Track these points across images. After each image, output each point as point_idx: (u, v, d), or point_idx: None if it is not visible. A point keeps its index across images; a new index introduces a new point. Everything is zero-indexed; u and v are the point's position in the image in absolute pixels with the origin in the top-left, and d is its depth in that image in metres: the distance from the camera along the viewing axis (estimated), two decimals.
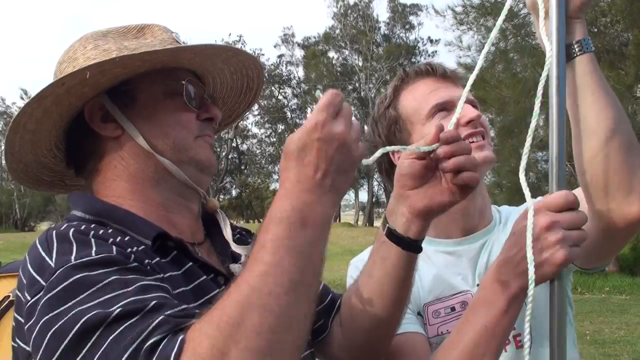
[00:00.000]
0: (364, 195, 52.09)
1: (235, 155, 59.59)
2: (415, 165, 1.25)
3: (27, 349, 1.00)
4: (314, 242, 0.96)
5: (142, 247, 1.10)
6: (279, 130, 56.47)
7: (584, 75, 1.27)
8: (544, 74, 1.21)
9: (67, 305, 0.93)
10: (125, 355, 0.87)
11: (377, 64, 47.68)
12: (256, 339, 0.85)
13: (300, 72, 53.98)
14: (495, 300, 1.23)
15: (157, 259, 1.10)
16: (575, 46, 1.27)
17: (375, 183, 49.17)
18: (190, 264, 1.16)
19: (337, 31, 49.62)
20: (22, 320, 1.01)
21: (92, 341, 0.90)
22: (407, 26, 50.12)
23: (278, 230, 0.93)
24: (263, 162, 58.98)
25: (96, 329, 0.90)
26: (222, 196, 59.34)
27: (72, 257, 1.00)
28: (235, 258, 1.29)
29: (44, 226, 62.35)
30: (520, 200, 1.34)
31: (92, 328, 0.91)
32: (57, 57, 1.27)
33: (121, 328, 0.90)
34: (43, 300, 0.96)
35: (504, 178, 18.96)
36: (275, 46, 53.96)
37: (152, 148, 1.20)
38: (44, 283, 0.98)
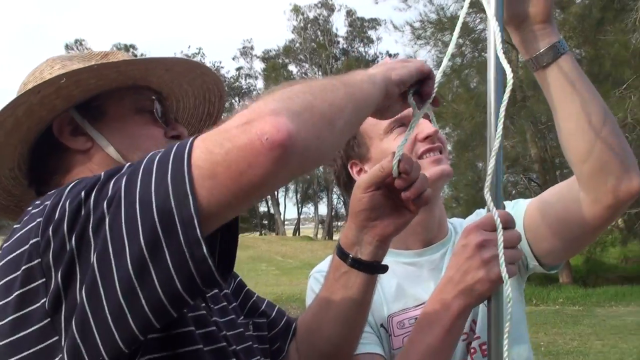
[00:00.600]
0: (323, 209, 52.20)
1: None
2: (376, 196, 1.26)
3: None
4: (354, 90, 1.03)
5: None
6: None
7: (570, 73, 1.32)
8: (506, 95, 1.22)
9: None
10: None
11: None
12: (321, 104, 0.90)
13: (260, 85, 54.00)
14: (439, 319, 1.27)
15: None
16: (558, 47, 1.31)
17: (334, 197, 49.30)
18: None
19: (297, 44, 49.86)
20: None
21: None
22: (365, 40, 50.65)
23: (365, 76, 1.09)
24: None
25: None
26: None
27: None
28: None
29: None
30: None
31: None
32: (9, 66, 1.26)
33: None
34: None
35: (461, 191, 19.24)
36: (233, 58, 53.83)
37: (123, 158, 1.19)
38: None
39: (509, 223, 1.23)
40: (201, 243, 0.81)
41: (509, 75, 1.21)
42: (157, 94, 1.30)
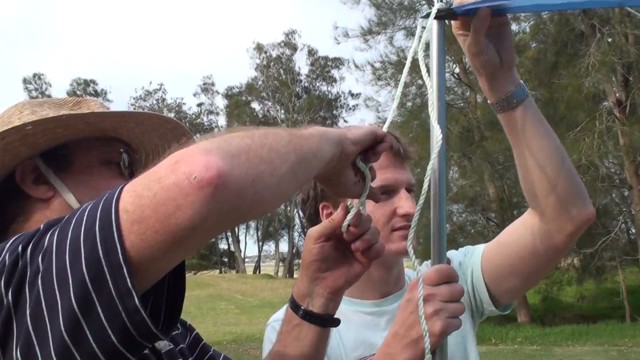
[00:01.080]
0: (284, 247, 51.96)
1: None
2: (326, 247, 1.25)
3: None
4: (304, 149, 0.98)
5: None
6: None
7: (535, 111, 1.40)
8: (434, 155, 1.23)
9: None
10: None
11: (298, 116, 48.35)
12: (260, 150, 0.84)
13: (221, 121, 54.02)
14: None
15: None
16: (523, 88, 1.39)
17: (295, 234, 49.18)
18: None
19: (260, 82, 50.17)
20: None
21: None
22: (328, 79, 51.26)
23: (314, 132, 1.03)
24: None
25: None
26: None
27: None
28: None
29: None
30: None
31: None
32: None
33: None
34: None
35: (421, 230, 19.38)
36: (194, 94, 53.85)
37: None
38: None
39: (451, 277, 1.24)
40: (132, 293, 0.76)
41: (439, 136, 1.24)
42: (127, 146, 1.29)
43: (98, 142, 1.23)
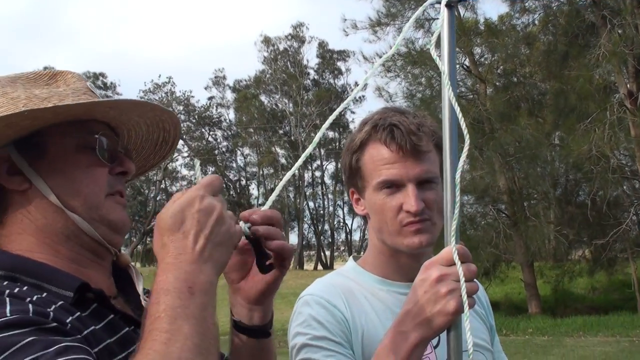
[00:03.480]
0: (294, 238, 52.04)
1: (164, 197, 58.54)
2: (234, 258, 1.22)
3: None
4: (204, 307, 0.96)
5: (61, 302, 1.04)
6: (209, 172, 55.77)
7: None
8: (463, 154, 1.26)
9: None
10: None
11: (306, 109, 48.28)
12: None
13: (231, 115, 54.02)
14: (397, 350, 1.30)
15: (78, 313, 1.05)
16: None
17: (305, 226, 49.27)
18: (112, 316, 1.12)
19: (268, 75, 50.09)
20: None
21: None
22: (335, 72, 51.13)
23: (168, 300, 0.93)
24: None
25: None
26: (150, 239, 57.96)
27: None
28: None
29: None
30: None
31: None
32: None
33: None
34: None
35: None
36: (206, 88, 53.73)
37: (63, 204, 1.14)
38: None
39: (466, 257, 1.27)
40: None
41: (467, 140, 1.27)
42: (104, 126, 1.24)
43: (72, 127, 1.17)
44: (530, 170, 18.39)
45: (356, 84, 50.99)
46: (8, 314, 0.94)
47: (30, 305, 0.98)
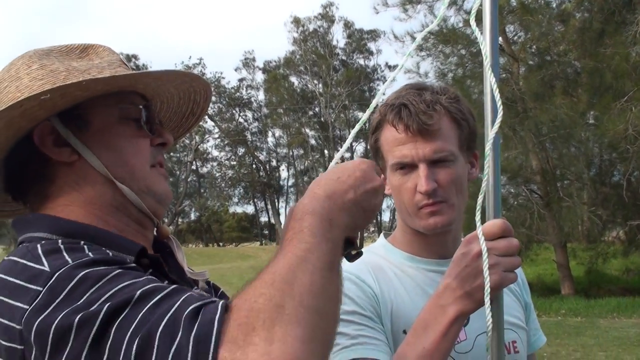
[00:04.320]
0: None
1: (194, 178, 59.11)
2: None
3: (19, 347, 0.92)
4: (338, 238, 1.02)
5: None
6: (239, 153, 56.30)
7: None
8: (496, 124, 1.27)
9: (82, 300, 0.88)
10: (165, 321, 0.84)
11: (336, 89, 48.09)
12: (309, 296, 0.87)
13: (261, 96, 54.11)
14: (435, 323, 1.32)
15: None
16: None
17: None
18: (166, 282, 1.11)
19: (298, 56, 49.96)
20: (14, 325, 0.92)
21: (120, 319, 0.86)
22: (365, 52, 50.77)
23: (312, 220, 0.99)
24: (223, 185, 58.62)
25: (122, 310, 0.86)
26: (181, 219, 58.66)
27: (69, 260, 0.95)
28: (190, 285, 1.25)
29: None
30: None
31: (118, 309, 0.86)
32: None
33: (149, 304, 0.87)
34: (52, 303, 0.89)
35: None
36: (236, 69, 53.96)
37: (111, 173, 1.15)
38: (40, 288, 0.92)
39: (508, 232, 1.27)
40: None
41: (500, 111, 1.28)
42: (142, 98, 1.25)
43: (114, 98, 1.19)
44: (564, 150, 18.12)
45: (387, 65, 50.63)
46: (91, 255, 0.98)
47: (108, 251, 1.02)
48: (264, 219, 60.23)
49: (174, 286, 0.93)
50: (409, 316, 1.52)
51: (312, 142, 52.07)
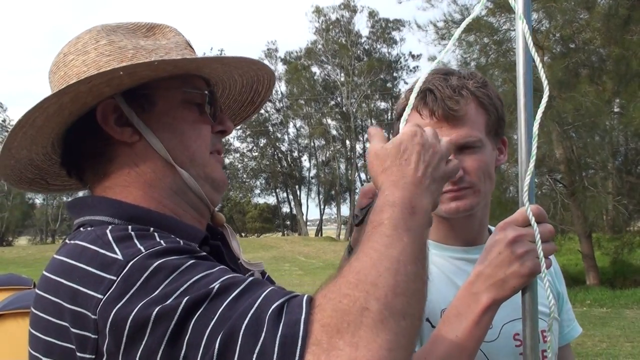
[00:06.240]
0: (346, 210, 52.09)
1: None
2: None
3: (93, 336, 0.92)
4: (422, 226, 1.01)
5: None
6: (261, 145, 56.38)
7: None
8: (544, 100, 1.27)
9: (157, 291, 0.88)
10: (247, 319, 0.84)
11: (358, 79, 47.89)
12: (394, 298, 0.86)
13: (282, 87, 54.07)
14: (468, 312, 1.29)
15: None
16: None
17: (356, 197, 49.17)
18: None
19: (319, 46, 49.82)
20: (88, 314, 0.92)
21: (198, 314, 0.86)
22: (388, 41, 50.45)
23: (392, 211, 0.98)
24: (245, 176, 58.78)
25: (201, 304, 0.86)
26: None
27: (142, 248, 0.95)
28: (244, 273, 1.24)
29: (22, 241, 61.51)
30: (501, 213, 1.37)
31: (197, 303, 0.86)
32: (36, 69, 1.22)
33: (229, 299, 0.87)
34: (127, 293, 0.89)
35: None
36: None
37: (172, 158, 1.14)
38: (114, 277, 0.91)
39: (542, 218, 1.25)
40: None
41: (546, 85, 1.27)
42: (206, 83, 1.23)
43: (178, 81, 1.17)
44: (589, 139, 17.87)
45: (410, 54, 50.27)
46: (163, 244, 0.97)
47: (178, 239, 1.02)
48: (286, 209, 60.40)
49: (251, 278, 0.93)
50: (433, 304, 1.51)
51: (334, 132, 51.99)
